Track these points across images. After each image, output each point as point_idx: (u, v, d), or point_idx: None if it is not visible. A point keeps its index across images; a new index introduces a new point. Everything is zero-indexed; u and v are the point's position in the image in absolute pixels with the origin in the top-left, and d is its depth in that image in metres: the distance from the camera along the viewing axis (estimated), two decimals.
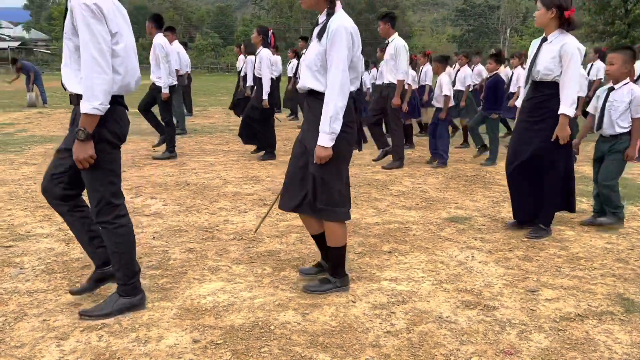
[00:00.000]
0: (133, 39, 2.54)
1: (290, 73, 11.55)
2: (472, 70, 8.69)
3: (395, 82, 6.13)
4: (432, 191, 5.34)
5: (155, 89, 6.70)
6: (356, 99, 2.80)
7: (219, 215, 4.38)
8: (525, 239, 3.84)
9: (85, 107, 2.22)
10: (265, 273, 3.17)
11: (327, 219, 2.77)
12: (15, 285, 2.94)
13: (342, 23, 2.58)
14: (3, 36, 70.83)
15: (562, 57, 3.61)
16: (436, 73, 6.72)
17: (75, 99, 2.36)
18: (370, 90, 10.48)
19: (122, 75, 2.38)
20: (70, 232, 3.76)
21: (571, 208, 4.02)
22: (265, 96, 6.59)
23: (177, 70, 8.77)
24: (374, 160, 6.80)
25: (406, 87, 6.44)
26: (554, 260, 3.44)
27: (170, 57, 6.58)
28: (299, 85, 2.79)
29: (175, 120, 7.95)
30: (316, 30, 2.69)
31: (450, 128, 8.79)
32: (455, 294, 2.90)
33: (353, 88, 2.74)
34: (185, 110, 12.46)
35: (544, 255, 3.52)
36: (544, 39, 3.76)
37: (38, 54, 61.17)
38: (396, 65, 6.10)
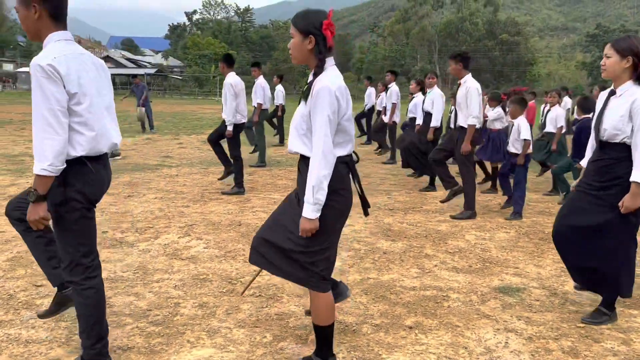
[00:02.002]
0: (108, 98, 2.51)
1: (379, 106, 11.34)
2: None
3: (466, 126, 5.69)
4: (494, 250, 4.79)
5: (225, 125, 6.85)
6: (350, 163, 2.54)
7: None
8: (582, 325, 3.25)
9: (35, 167, 2.21)
10: (263, 342, 2.96)
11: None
12: (19, 331, 3.02)
13: (326, 84, 2.35)
14: (144, 63, 78.29)
15: (633, 115, 3.04)
16: (513, 117, 6.14)
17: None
18: (379, 109, 10.80)
19: (87, 136, 2.34)
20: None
21: (627, 291, 3.33)
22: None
23: (260, 105, 9.01)
24: (441, 201, 6.34)
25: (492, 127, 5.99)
26: (608, 359, 2.85)
27: (240, 96, 6.69)
28: (288, 149, 2.60)
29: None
30: (304, 89, 2.49)
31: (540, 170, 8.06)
32: None
33: (344, 152, 2.49)
34: (278, 141, 12.78)
35: (597, 351, 2.93)
36: (612, 92, 3.20)
37: (171, 79, 66.89)
38: (468, 110, 5.66)
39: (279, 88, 12.56)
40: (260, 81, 9.15)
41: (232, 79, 6.67)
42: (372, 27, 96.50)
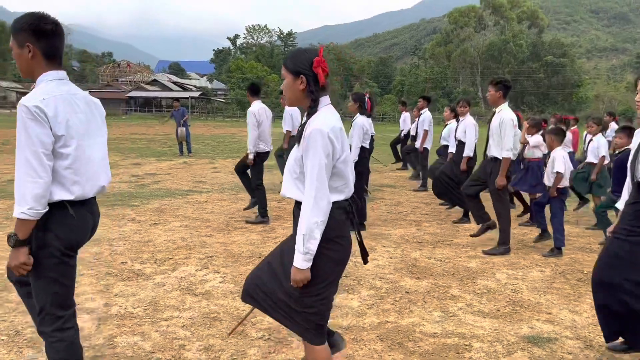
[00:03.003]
0: (100, 139, 2.43)
1: (413, 131, 11.09)
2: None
3: (500, 158, 5.42)
4: (527, 291, 4.47)
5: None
6: (348, 208, 2.37)
7: None
8: None
9: (16, 211, 2.13)
10: None
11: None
12: None
13: (318, 126, 2.20)
14: (189, 86, 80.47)
15: None
16: (550, 148, 5.81)
17: None
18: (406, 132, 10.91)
19: (71, 179, 2.25)
20: (107, 311, 3.79)
21: None
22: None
23: (288, 132, 8.94)
24: (472, 235, 6.03)
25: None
26: None
27: (263, 125, 6.62)
28: (281, 193, 2.45)
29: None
30: (298, 131, 2.35)
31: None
32: None
33: (341, 197, 2.32)
34: None
35: None
36: None
37: (214, 102, 68.41)
38: (501, 141, 5.39)
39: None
40: (289, 108, 9.09)
41: (256, 107, 6.62)
42: (413, 50, 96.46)
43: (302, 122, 2.35)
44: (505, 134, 5.33)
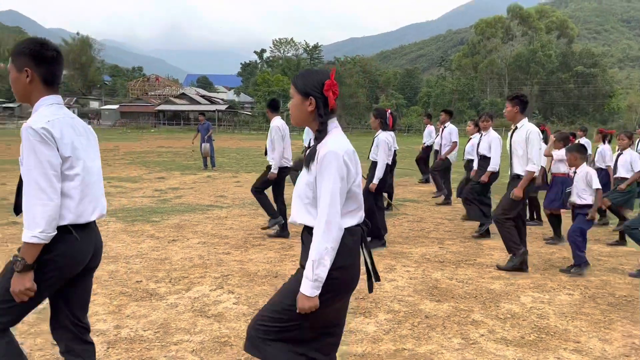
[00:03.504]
0: (97, 163, 2.39)
1: (437, 146, 10.88)
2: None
3: (523, 173, 5.22)
4: (553, 316, 4.25)
5: (269, 168, 6.71)
6: (361, 234, 2.26)
7: None
8: None
9: (25, 235, 2.09)
10: None
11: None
12: None
13: (333, 148, 2.11)
14: (217, 99, 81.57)
15: None
16: (572, 165, 5.57)
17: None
18: (437, 149, 10.51)
19: (77, 201, 2.22)
20: (117, 334, 3.72)
21: None
22: (375, 180, 6.17)
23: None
24: (499, 267, 5.71)
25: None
26: None
27: (285, 140, 6.57)
28: (289, 220, 2.34)
29: None
30: (307, 154, 2.24)
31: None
32: None
33: (354, 222, 2.22)
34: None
35: None
36: None
37: (241, 115, 69.10)
38: (525, 155, 5.19)
39: None
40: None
41: (278, 122, 6.57)
42: (440, 61, 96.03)
43: (312, 144, 2.25)
44: (532, 146, 5.15)
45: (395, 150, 10.14)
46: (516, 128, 5.37)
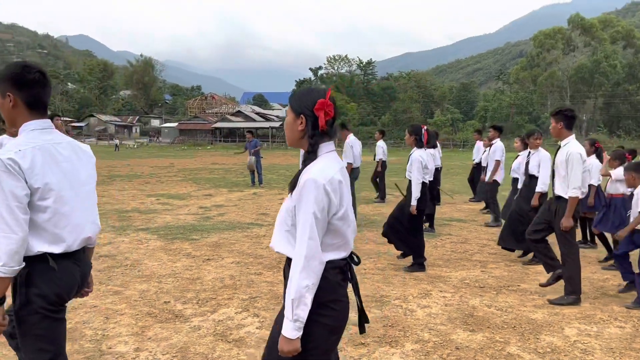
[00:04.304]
0: (87, 188, 2.32)
1: (484, 162, 10.46)
2: None
3: (566, 197, 4.86)
4: (599, 352, 3.88)
5: None
6: (345, 268, 2.09)
7: None
8: None
9: None
10: None
11: None
12: None
13: (314, 176, 1.96)
14: (272, 116, 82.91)
15: None
16: (630, 185, 5.13)
17: None
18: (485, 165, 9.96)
19: (51, 232, 2.15)
20: (136, 357, 3.68)
21: None
22: (413, 202, 5.93)
23: (349, 164, 8.75)
24: (541, 285, 5.41)
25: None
26: None
27: None
28: (271, 244, 2.21)
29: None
30: (292, 178, 2.11)
31: None
32: None
33: (338, 255, 2.06)
34: (377, 197, 12.34)
35: None
36: None
37: None
38: (567, 177, 4.83)
39: (380, 144, 12.30)
40: (349, 140, 8.96)
41: None
42: (498, 74, 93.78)
43: (301, 167, 2.12)
44: (572, 169, 4.78)
45: (439, 168, 9.85)
46: (560, 147, 5.02)
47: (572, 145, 4.89)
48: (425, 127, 6.27)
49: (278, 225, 2.11)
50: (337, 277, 2.05)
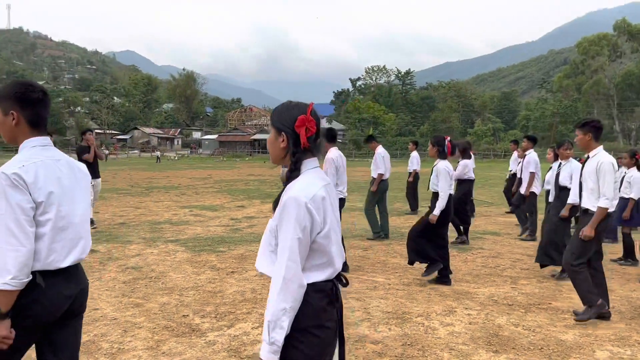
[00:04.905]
0: (82, 206, 2.31)
1: (519, 173, 10.12)
2: None
3: (594, 209, 4.60)
4: None
5: None
6: (330, 291, 1.98)
7: None
8: None
9: None
10: None
11: None
12: None
13: (295, 194, 1.89)
14: (329, 127, 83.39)
15: None
16: None
17: None
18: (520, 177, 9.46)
19: (47, 246, 2.15)
20: None
21: None
22: (437, 211, 5.78)
23: (380, 175, 8.64)
24: (576, 320, 4.91)
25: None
26: None
27: (340, 171, 6.39)
28: (256, 265, 2.13)
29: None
30: (276, 197, 2.04)
31: None
32: None
33: (321, 277, 1.97)
34: (409, 209, 12.13)
35: None
36: None
37: None
38: (596, 188, 4.59)
39: (414, 154, 12.12)
40: (380, 151, 8.85)
41: (334, 154, 6.41)
42: (541, 83, 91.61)
43: (284, 186, 2.05)
44: (604, 179, 4.54)
45: (472, 180, 9.57)
46: (588, 157, 4.78)
47: (602, 155, 4.66)
48: (449, 139, 6.11)
49: (263, 246, 2.04)
50: (322, 301, 1.95)
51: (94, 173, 9.45)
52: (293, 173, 1.99)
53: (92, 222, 9.99)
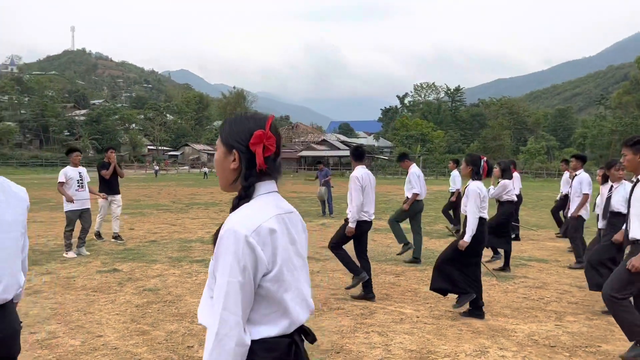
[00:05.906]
0: (11, 236, 1.99)
1: (563, 187, 9.36)
2: None
3: None
4: None
5: (347, 222, 6.10)
6: (286, 350, 1.55)
7: None
8: None
9: None
10: None
11: None
12: None
13: (233, 225, 1.49)
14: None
15: None
16: None
17: None
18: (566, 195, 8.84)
19: None
20: None
21: None
22: (467, 237, 5.24)
23: (415, 195, 8.17)
24: (622, 357, 4.35)
25: None
26: None
27: (366, 191, 5.97)
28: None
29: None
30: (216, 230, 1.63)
31: None
32: None
33: (272, 332, 1.54)
34: (450, 227, 11.51)
35: None
36: None
37: (378, 159, 69.28)
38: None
39: (455, 173, 11.52)
40: (414, 170, 8.35)
41: (359, 172, 5.99)
42: (599, 99, 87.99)
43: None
44: None
45: (514, 201, 8.91)
46: (637, 181, 4.16)
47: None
48: (485, 159, 5.57)
49: (205, 291, 1.64)
50: (285, 353, 1.53)
51: (112, 189, 9.85)
52: (241, 201, 1.59)
53: (99, 235, 9.97)
